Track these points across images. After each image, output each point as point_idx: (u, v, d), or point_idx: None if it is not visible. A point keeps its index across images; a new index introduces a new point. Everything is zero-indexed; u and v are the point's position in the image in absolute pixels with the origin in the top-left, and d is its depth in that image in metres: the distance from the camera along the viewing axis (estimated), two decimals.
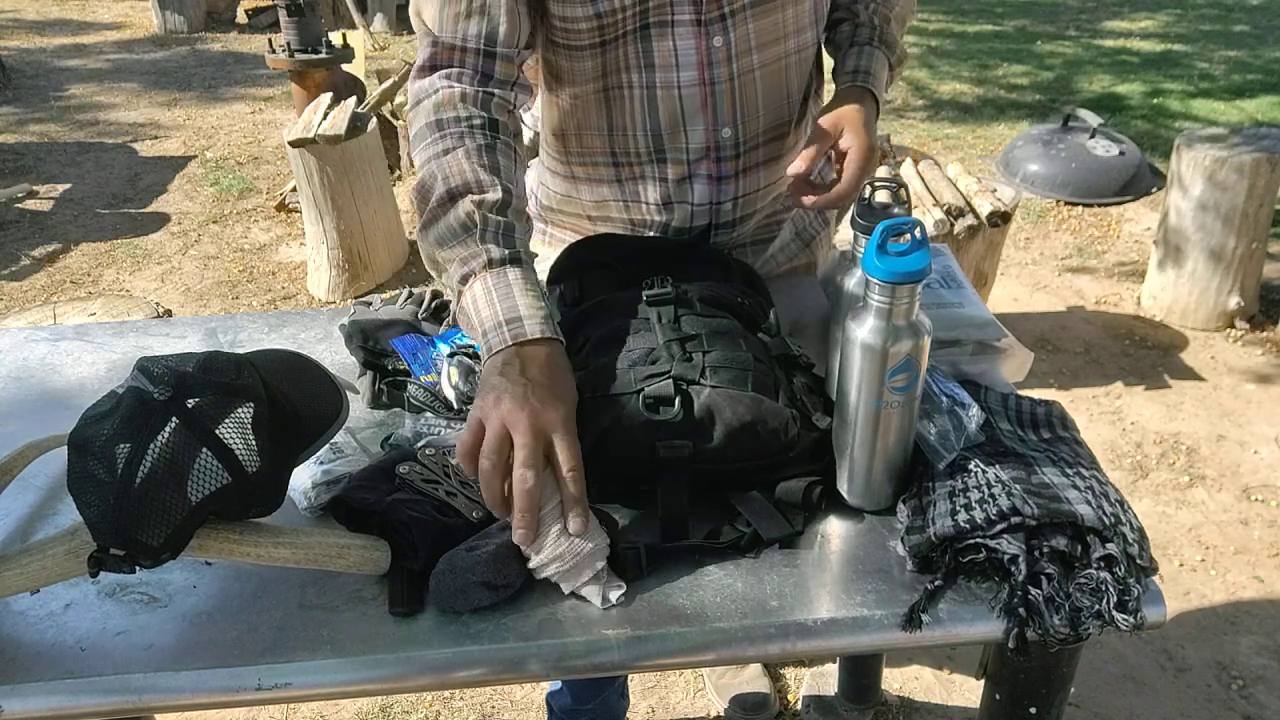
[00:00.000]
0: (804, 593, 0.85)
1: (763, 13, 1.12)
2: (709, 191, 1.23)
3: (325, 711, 1.97)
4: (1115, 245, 3.96)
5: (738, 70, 1.14)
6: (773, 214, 1.33)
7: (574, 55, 1.13)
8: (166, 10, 7.71)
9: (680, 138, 1.18)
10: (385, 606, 0.84)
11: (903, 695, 1.99)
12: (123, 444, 0.74)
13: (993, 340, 1.07)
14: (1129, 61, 6.49)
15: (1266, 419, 2.87)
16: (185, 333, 1.32)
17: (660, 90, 1.14)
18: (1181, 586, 2.27)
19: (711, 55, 1.12)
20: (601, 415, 0.89)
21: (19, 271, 3.90)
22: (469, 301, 0.93)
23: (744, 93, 1.16)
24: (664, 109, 1.16)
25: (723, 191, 1.23)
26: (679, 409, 0.88)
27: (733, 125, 1.18)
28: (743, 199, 1.25)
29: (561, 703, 1.73)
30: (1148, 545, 0.86)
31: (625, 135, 1.20)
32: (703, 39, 1.11)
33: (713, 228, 1.26)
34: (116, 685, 0.79)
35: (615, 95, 1.16)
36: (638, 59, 1.12)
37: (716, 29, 1.11)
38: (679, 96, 1.15)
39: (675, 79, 1.13)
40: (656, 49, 1.12)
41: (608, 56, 1.12)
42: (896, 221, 0.84)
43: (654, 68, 1.13)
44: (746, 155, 1.21)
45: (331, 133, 3.36)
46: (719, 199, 1.24)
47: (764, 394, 0.91)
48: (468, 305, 0.93)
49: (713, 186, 1.23)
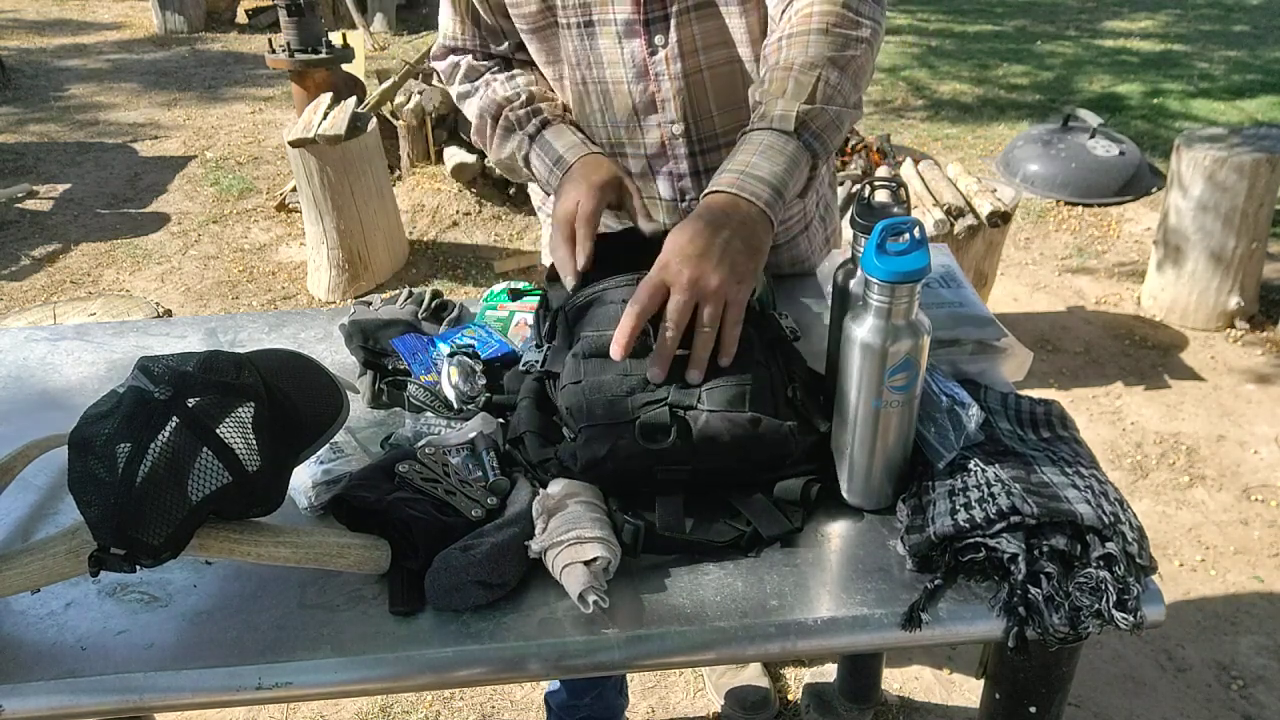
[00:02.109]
0: (804, 592, 0.85)
1: (706, 15, 1.14)
2: (671, 188, 1.26)
3: (325, 711, 1.98)
4: (1115, 245, 3.96)
5: (684, 70, 1.16)
6: None
7: (541, 37, 1.21)
8: (166, 10, 7.71)
9: (637, 133, 1.22)
10: (385, 606, 0.84)
11: (903, 695, 1.99)
12: (123, 443, 0.74)
13: (992, 340, 1.07)
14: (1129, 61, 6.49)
15: (1266, 419, 2.87)
16: (185, 333, 1.32)
17: (611, 85, 1.19)
18: (1181, 586, 2.27)
19: (654, 54, 1.15)
20: (597, 445, 0.89)
21: (19, 271, 3.90)
22: (535, 172, 1.21)
23: (694, 92, 1.18)
24: (617, 104, 1.20)
25: (684, 188, 1.26)
26: (675, 437, 0.88)
27: (684, 123, 1.20)
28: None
29: (558, 699, 1.73)
30: (1147, 544, 0.86)
31: (590, 125, 1.25)
32: (644, 37, 1.14)
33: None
34: (117, 684, 0.79)
35: (579, 87, 1.22)
36: (585, 55, 1.18)
37: (659, 28, 1.13)
38: (629, 93, 1.19)
39: (622, 75, 1.17)
40: (602, 46, 1.16)
41: (564, 45, 1.18)
42: (896, 221, 0.84)
43: (602, 64, 1.18)
44: (705, 155, 1.23)
45: (331, 133, 3.36)
46: (682, 197, 1.26)
47: (762, 411, 0.90)
48: (538, 173, 1.21)
49: (673, 183, 1.26)
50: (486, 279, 3.75)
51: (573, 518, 0.86)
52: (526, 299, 1.29)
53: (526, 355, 1.09)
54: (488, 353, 1.14)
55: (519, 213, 4.15)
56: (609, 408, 0.90)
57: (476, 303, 1.32)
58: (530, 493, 0.93)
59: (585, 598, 0.82)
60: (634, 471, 0.89)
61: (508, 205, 4.18)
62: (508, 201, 4.18)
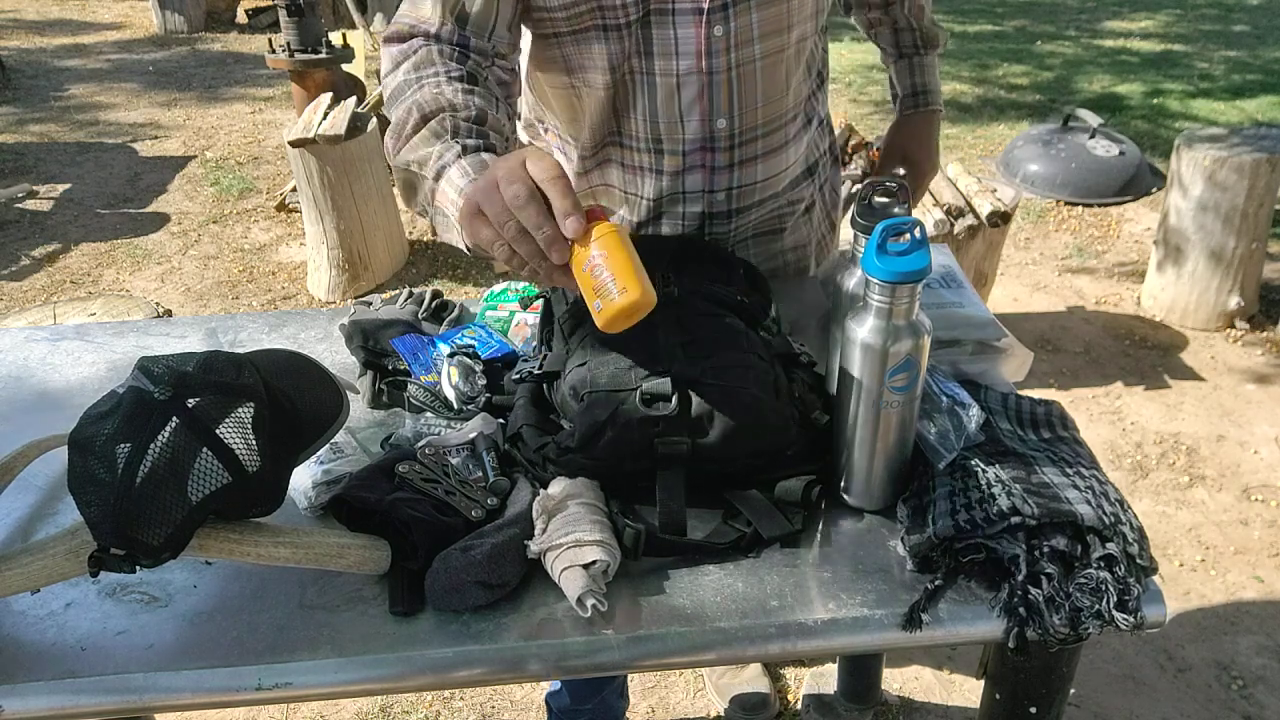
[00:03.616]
0: (804, 593, 0.85)
1: (768, 2, 1.12)
2: (702, 180, 1.24)
3: (325, 711, 1.97)
4: (1115, 245, 3.96)
5: (737, 60, 1.14)
6: (776, 208, 1.33)
7: (573, 40, 1.13)
8: (166, 10, 7.71)
9: (677, 128, 1.19)
10: (385, 606, 0.84)
11: (903, 695, 1.99)
12: (123, 444, 0.74)
13: (993, 340, 1.07)
14: (1129, 61, 6.49)
15: (1266, 419, 2.87)
16: (185, 333, 1.32)
17: (659, 78, 1.15)
18: (1181, 586, 2.27)
19: (711, 45, 1.12)
20: (599, 410, 0.90)
21: (19, 271, 3.90)
22: (444, 188, 0.90)
23: (742, 84, 1.17)
24: (662, 98, 1.16)
25: (715, 182, 1.24)
26: (676, 405, 0.88)
27: (728, 117, 1.18)
28: (738, 190, 1.25)
29: (560, 703, 1.73)
30: (1147, 545, 0.86)
31: (622, 128, 1.20)
32: (703, 28, 1.11)
33: (707, 218, 1.27)
34: (117, 685, 0.79)
35: (618, 86, 1.16)
36: (637, 46, 1.12)
37: (718, 18, 1.11)
38: (676, 85, 1.15)
39: (674, 67, 1.14)
40: (656, 37, 1.12)
41: (610, 44, 1.12)
42: (896, 221, 0.84)
43: (653, 55, 1.13)
44: (743, 148, 1.22)
45: (331, 133, 3.36)
46: (712, 188, 1.24)
47: (764, 393, 0.91)
48: (443, 193, 0.90)
49: (706, 176, 1.23)
50: (486, 279, 3.75)
51: (573, 519, 0.86)
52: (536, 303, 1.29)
53: (520, 364, 1.09)
54: (488, 353, 1.14)
55: None
56: (613, 378, 0.91)
57: (476, 303, 1.32)
58: (530, 493, 0.93)
59: (584, 601, 0.82)
60: (634, 442, 0.89)
61: None
62: None
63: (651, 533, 0.87)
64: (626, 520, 0.87)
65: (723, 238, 1.29)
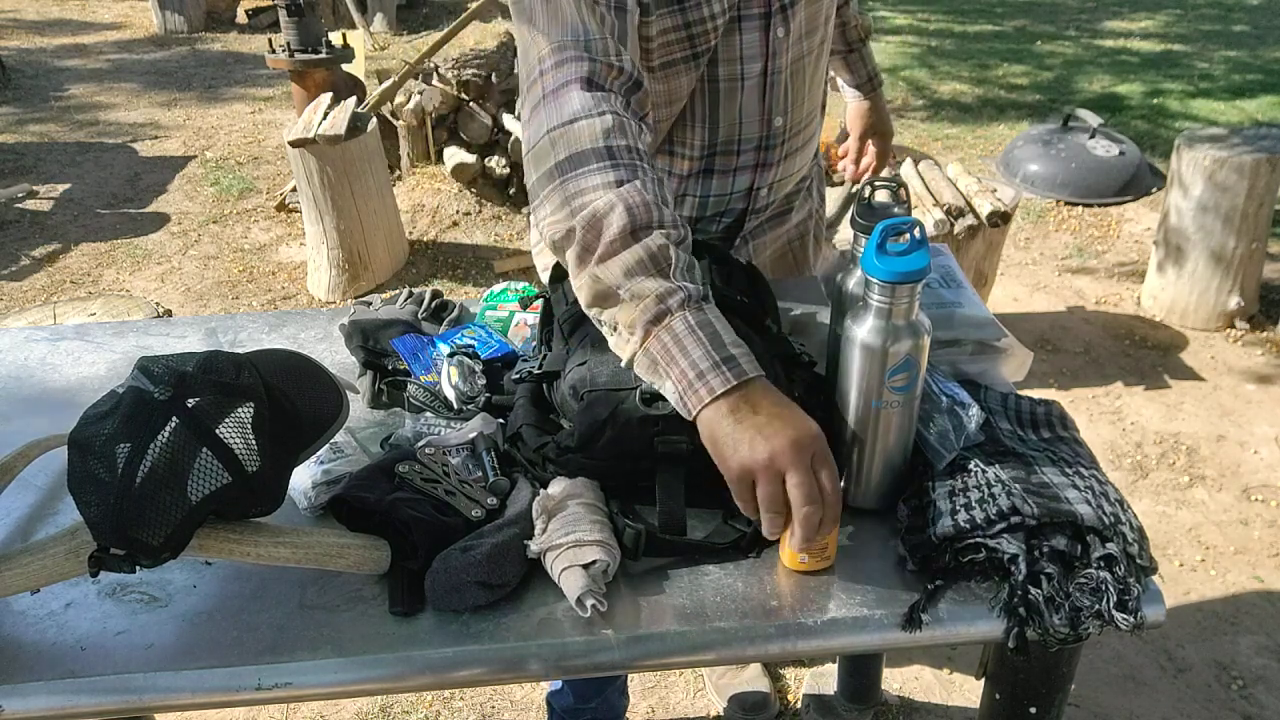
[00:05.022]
0: (804, 592, 0.85)
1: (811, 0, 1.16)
2: (751, 178, 1.27)
3: (325, 711, 1.97)
4: (1115, 245, 3.96)
5: (793, 58, 1.18)
6: (790, 193, 1.38)
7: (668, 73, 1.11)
8: (166, 10, 7.71)
9: (735, 130, 1.21)
10: (385, 606, 0.84)
11: (903, 695, 1.99)
12: (123, 444, 0.74)
13: (992, 340, 1.07)
14: (1129, 61, 6.48)
15: (1266, 419, 2.87)
16: (185, 333, 1.32)
17: (723, 85, 1.17)
18: (1181, 586, 2.27)
19: (774, 46, 1.16)
20: (599, 409, 0.90)
21: (19, 271, 3.90)
22: (669, 338, 0.84)
23: (795, 80, 1.21)
24: (724, 104, 1.18)
25: (762, 178, 1.28)
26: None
27: (784, 114, 1.22)
28: (779, 183, 1.31)
29: (563, 702, 1.73)
30: (1147, 545, 0.86)
31: (683, 130, 1.21)
32: (767, 31, 1.14)
33: (749, 213, 1.31)
34: (117, 685, 0.79)
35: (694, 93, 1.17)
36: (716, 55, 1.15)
37: (779, 20, 1.14)
38: (740, 90, 1.18)
39: (739, 72, 1.16)
40: (723, 46, 1.14)
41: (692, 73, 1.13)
42: (896, 221, 0.84)
43: (717, 64, 1.15)
44: (789, 142, 1.26)
45: (331, 133, 3.36)
46: (759, 184, 1.28)
47: None
48: (667, 341, 0.84)
49: (755, 174, 1.27)
50: (486, 279, 3.75)
51: (573, 519, 0.86)
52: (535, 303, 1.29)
53: (520, 364, 1.09)
54: (488, 353, 1.14)
55: (519, 213, 4.15)
56: (612, 377, 0.92)
57: (476, 303, 1.32)
58: (530, 493, 0.93)
59: (583, 601, 0.82)
60: (633, 440, 0.89)
61: (508, 205, 4.17)
62: (508, 201, 4.18)
63: (651, 533, 0.87)
64: (626, 520, 0.87)
65: (755, 229, 1.34)
